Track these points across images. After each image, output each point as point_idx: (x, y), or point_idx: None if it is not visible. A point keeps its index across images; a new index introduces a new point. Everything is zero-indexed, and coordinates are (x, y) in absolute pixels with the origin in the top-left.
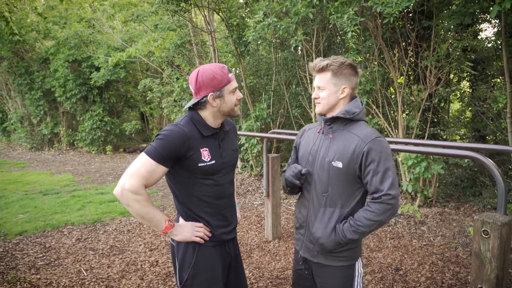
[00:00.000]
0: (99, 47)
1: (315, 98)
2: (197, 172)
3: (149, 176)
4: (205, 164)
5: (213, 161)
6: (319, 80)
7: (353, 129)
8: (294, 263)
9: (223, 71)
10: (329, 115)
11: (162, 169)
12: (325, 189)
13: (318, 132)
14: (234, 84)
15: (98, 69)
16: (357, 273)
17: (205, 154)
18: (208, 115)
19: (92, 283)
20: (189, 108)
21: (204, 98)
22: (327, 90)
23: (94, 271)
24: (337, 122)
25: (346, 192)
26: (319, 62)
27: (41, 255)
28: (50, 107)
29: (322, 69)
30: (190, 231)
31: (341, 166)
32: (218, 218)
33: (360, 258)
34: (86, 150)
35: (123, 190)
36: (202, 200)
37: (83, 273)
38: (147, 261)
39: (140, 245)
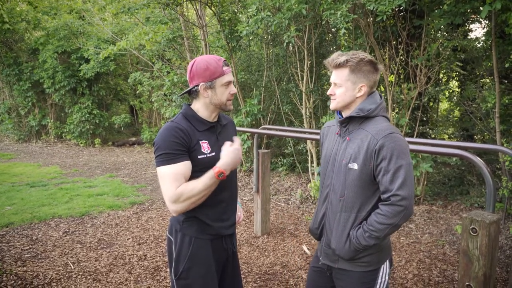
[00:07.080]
0: (89, 39)
1: (330, 95)
2: (197, 165)
3: (178, 178)
4: (205, 156)
5: (213, 153)
6: (335, 76)
7: (367, 127)
8: (313, 260)
9: (218, 63)
10: (344, 114)
11: (183, 164)
12: (342, 193)
13: (337, 134)
14: (227, 77)
15: (87, 61)
16: (379, 281)
17: (205, 146)
18: (200, 107)
19: (79, 276)
20: (186, 103)
21: (196, 87)
22: (344, 87)
23: (81, 264)
24: (353, 122)
25: (362, 195)
26: (337, 57)
27: (28, 247)
28: (38, 99)
29: (339, 65)
30: (233, 159)
31: (357, 168)
32: (217, 211)
33: (387, 262)
34: (74, 142)
35: (172, 208)
36: None
37: (70, 266)
38: (135, 255)
39: (128, 239)
